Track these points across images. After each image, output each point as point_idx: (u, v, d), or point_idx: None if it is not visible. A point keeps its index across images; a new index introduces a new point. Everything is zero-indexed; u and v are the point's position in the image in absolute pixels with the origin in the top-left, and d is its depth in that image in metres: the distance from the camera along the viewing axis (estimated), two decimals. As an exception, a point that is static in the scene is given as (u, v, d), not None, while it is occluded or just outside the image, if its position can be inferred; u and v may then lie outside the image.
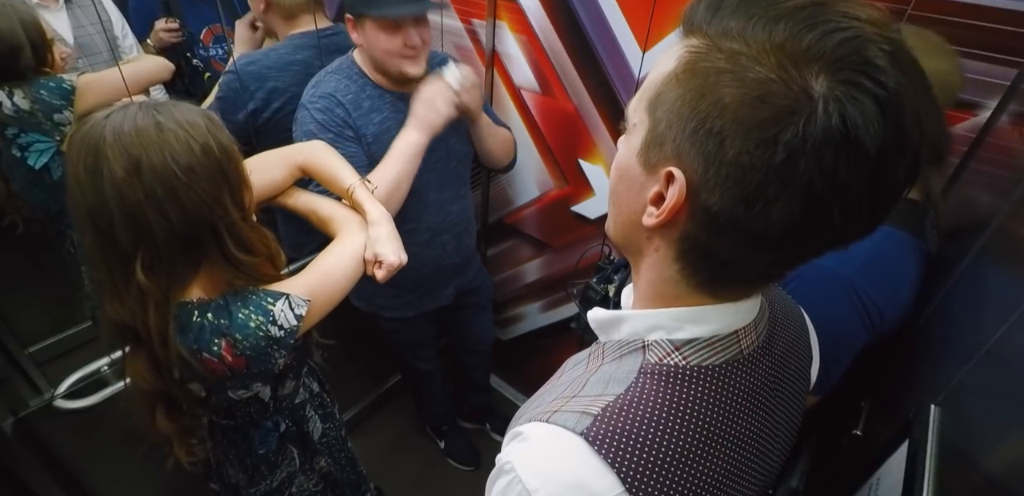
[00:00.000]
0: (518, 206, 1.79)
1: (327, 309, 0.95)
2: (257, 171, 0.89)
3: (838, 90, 0.34)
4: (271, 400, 1.05)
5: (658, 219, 0.42)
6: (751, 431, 0.48)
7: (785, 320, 0.57)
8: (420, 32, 1.24)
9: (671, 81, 0.39)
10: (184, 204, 0.73)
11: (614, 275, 1.06)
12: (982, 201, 0.89)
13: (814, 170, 0.35)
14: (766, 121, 0.35)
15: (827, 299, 0.77)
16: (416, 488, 2.01)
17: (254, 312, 0.82)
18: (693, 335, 0.46)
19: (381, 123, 1.32)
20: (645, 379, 0.45)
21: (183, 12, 1.83)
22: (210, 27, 1.89)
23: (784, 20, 0.35)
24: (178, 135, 0.73)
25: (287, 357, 0.90)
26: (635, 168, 0.44)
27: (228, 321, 0.81)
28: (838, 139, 0.34)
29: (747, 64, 0.35)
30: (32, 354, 1.15)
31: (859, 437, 0.87)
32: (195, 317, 0.80)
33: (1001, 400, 0.57)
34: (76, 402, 1.21)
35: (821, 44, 0.34)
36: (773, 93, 0.35)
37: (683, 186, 0.39)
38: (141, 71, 1.46)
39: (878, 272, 0.79)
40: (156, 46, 1.80)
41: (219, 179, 0.76)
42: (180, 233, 0.75)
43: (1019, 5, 0.82)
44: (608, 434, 0.42)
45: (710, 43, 0.38)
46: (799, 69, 0.34)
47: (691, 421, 0.44)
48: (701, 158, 0.38)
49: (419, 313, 1.63)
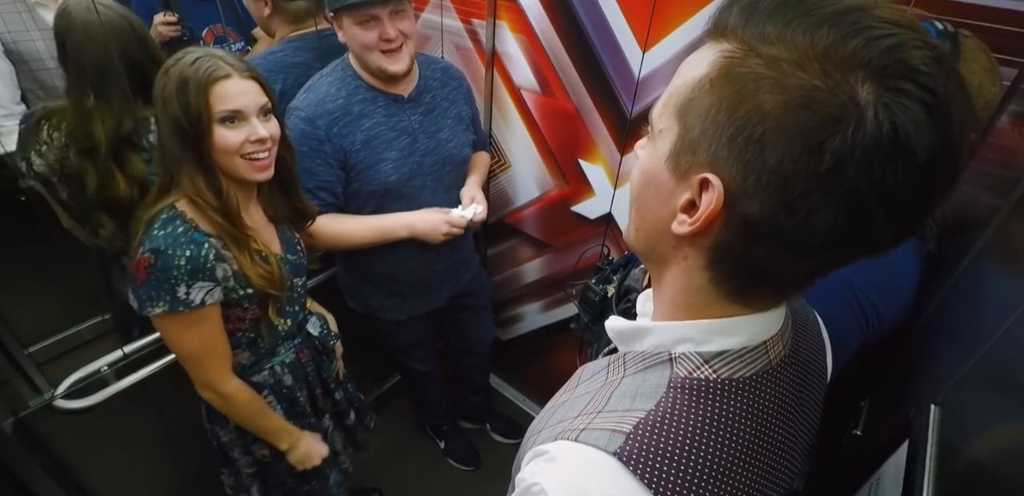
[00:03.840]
0: (518, 206, 1.79)
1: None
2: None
3: (886, 97, 0.33)
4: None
5: (692, 227, 0.40)
6: (780, 439, 0.48)
7: (804, 325, 0.56)
8: (397, 24, 1.22)
9: (704, 86, 0.39)
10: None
11: (613, 275, 1.06)
12: (982, 201, 0.89)
13: (862, 178, 0.34)
14: (811, 129, 0.34)
15: (824, 299, 0.77)
16: (416, 488, 2.01)
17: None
18: (723, 347, 0.45)
19: (370, 129, 1.31)
20: (675, 393, 0.44)
21: (184, 11, 1.83)
22: (211, 27, 1.89)
23: (826, 25, 0.35)
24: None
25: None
26: (663, 175, 0.43)
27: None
28: (889, 147, 0.33)
29: (789, 70, 0.35)
30: (32, 354, 1.15)
31: (859, 437, 0.87)
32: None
33: (1001, 400, 0.57)
34: (76, 402, 1.21)
35: (867, 51, 0.34)
36: (818, 100, 0.34)
37: (721, 193, 0.38)
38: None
39: (877, 272, 0.79)
40: (157, 41, 1.80)
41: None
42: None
43: (1019, 5, 0.82)
44: (642, 453, 0.41)
45: (746, 48, 0.37)
46: (844, 76, 0.34)
47: (724, 436, 0.43)
48: (740, 165, 0.37)
49: (413, 315, 1.63)
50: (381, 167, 1.33)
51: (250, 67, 0.98)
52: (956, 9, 0.86)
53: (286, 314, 1.17)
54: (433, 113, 1.40)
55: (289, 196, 1.14)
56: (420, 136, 1.38)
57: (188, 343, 1.02)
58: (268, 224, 1.13)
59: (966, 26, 0.81)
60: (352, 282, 1.60)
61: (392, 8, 1.21)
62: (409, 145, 1.36)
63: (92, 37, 1.16)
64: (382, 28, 1.21)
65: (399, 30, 1.23)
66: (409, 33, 1.25)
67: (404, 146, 1.35)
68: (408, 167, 1.37)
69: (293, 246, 1.18)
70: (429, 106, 1.40)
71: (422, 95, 1.38)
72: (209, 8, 1.87)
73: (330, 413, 1.36)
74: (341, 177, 1.33)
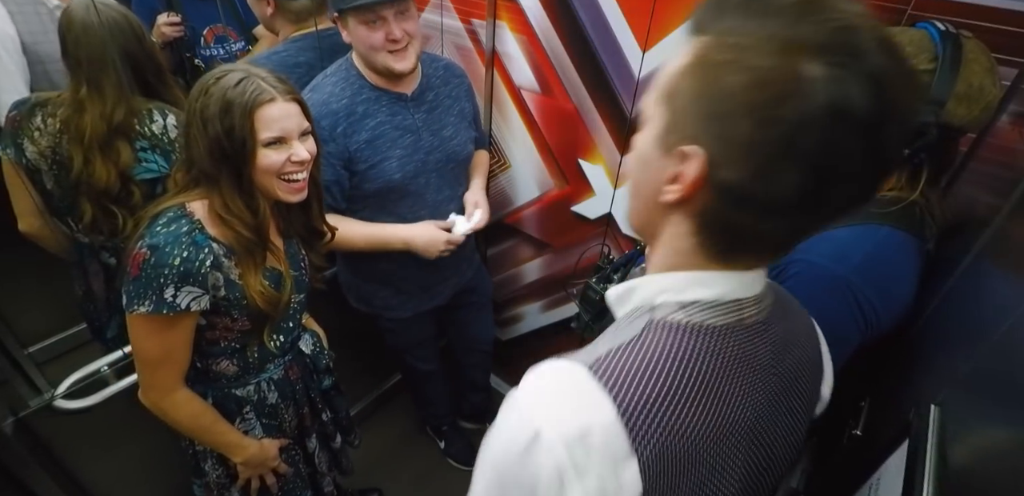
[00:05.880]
0: (518, 206, 1.79)
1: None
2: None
3: (831, 72, 0.38)
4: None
5: (679, 194, 0.46)
6: (743, 397, 0.51)
7: (787, 314, 0.59)
8: (402, 25, 1.23)
9: (684, 74, 0.44)
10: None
11: (614, 274, 1.06)
12: (982, 201, 0.89)
13: (814, 143, 0.39)
14: (768, 103, 0.39)
15: (823, 299, 0.77)
16: (416, 488, 2.01)
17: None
18: (697, 296, 0.50)
19: (374, 128, 1.32)
20: (650, 330, 0.50)
21: (186, 11, 1.83)
22: (212, 27, 1.89)
23: (780, 14, 0.40)
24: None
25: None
26: (654, 153, 0.48)
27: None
28: (833, 115, 0.38)
29: (749, 54, 0.40)
30: (32, 354, 1.15)
31: (859, 437, 0.87)
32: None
33: (1001, 400, 0.57)
34: (76, 402, 1.21)
35: (814, 33, 0.39)
36: (771, 78, 0.39)
37: (702, 161, 0.43)
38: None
39: (877, 272, 0.79)
40: (159, 41, 1.80)
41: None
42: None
43: (1019, 5, 0.82)
44: (608, 366, 0.47)
45: (716, 39, 0.42)
46: (795, 55, 0.39)
47: (688, 369, 0.48)
48: (715, 139, 0.42)
49: (417, 313, 1.63)
50: (386, 165, 1.34)
51: (292, 89, 0.98)
52: (956, 9, 0.86)
53: (280, 331, 1.14)
54: (436, 111, 1.41)
55: (309, 215, 1.13)
56: (424, 134, 1.38)
57: (152, 346, 0.99)
58: (277, 236, 1.11)
59: (966, 26, 0.81)
60: (355, 281, 1.61)
61: (398, 9, 1.21)
62: (413, 143, 1.36)
63: (90, 32, 1.21)
64: (388, 29, 1.21)
65: (405, 30, 1.23)
66: (414, 33, 1.26)
67: (408, 144, 1.36)
68: (412, 165, 1.37)
69: (298, 262, 1.16)
70: (432, 104, 1.40)
71: (425, 93, 1.39)
72: (210, 8, 1.86)
73: (316, 433, 1.34)
74: (344, 177, 1.33)
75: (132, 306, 0.93)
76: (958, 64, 0.75)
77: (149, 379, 1.04)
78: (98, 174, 1.25)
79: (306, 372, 1.25)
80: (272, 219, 1.08)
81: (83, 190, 1.28)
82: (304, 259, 1.19)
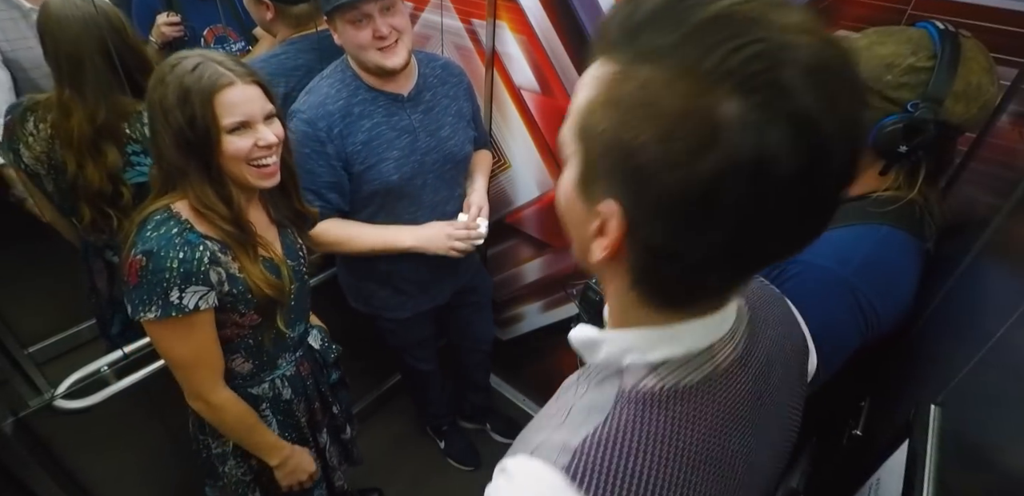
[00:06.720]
0: (518, 206, 1.79)
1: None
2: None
3: (750, 116, 0.32)
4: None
5: (604, 252, 0.42)
6: (736, 447, 0.48)
7: (768, 319, 0.56)
8: (388, 20, 1.22)
9: (595, 110, 0.39)
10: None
11: (614, 275, 1.06)
12: (982, 201, 0.89)
13: (737, 198, 0.34)
14: (679, 158, 0.34)
15: (823, 300, 0.77)
16: (416, 488, 2.01)
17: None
18: (665, 356, 0.46)
19: (371, 129, 1.31)
20: (622, 407, 0.45)
21: (185, 11, 1.83)
22: (212, 27, 1.89)
23: (692, 38, 0.34)
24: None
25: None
26: (576, 200, 0.44)
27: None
28: (752, 168, 0.33)
29: (660, 94, 0.34)
30: (32, 354, 1.15)
31: (859, 437, 0.87)
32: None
33: (1002, 400, 0.57)
34: (76, 402, 1.21)
35: (729, 63, 0.32)
36: (687, 129, 0.34)
37: (621, 221, 0.39)
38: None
39: (877, 273, 0.79)
40: (159, 42, 1.80)
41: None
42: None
43: (1019, 5, 0.82)
44: (588, 468, 0.42)
45: (626, 67, 0.37)
46: (708, 95, 0.33)
47: (672, 447, 0.44)
48: (631, 194, 0.38)
49: (416, 313, 1.63)
50: (383, 167, 1.33)
51: (251, 70, 0.94)
52: (956, 9, 0.86)
53: (288, 324, 1.14)
54: (433, 111, 1.40)
55: (288, 196, 1.11)
56: (421, 135, 1.38)
57: (179, 350, 0.99)
58: (270, 226, 1.11)
59: (966, 26, 0.81)
60: (354, 281, 1.60)
61: (382, 4, 1.20)
62: (410, 144, 1.36)
63: (64, 27, 1.17)
64: (374, 25, 1.21)
65: (391, 26, 1.22)
66: (402, 28, 1.25)
67: (405, 145, 1.35)
68: (409, 166, 1.37)
69: (295, 251, 1.15)
70: (429, 104, 1.40)
71: (422, 93, 1.38)
72: (210, 8, 1.87)
73: (327, 427, 1.34)
74: (344, 178, 1.33)
75: (138, 313, 0.92)
76: (956, 62, 0.75)
77: (190, 385, 1.04)
78: (91, 177, 1.24)
79: (316, 367, 1.26)
80: (262, 209, 1.08)
81: (80, 193, 1.27)
82: (302, 248, 1.18)
